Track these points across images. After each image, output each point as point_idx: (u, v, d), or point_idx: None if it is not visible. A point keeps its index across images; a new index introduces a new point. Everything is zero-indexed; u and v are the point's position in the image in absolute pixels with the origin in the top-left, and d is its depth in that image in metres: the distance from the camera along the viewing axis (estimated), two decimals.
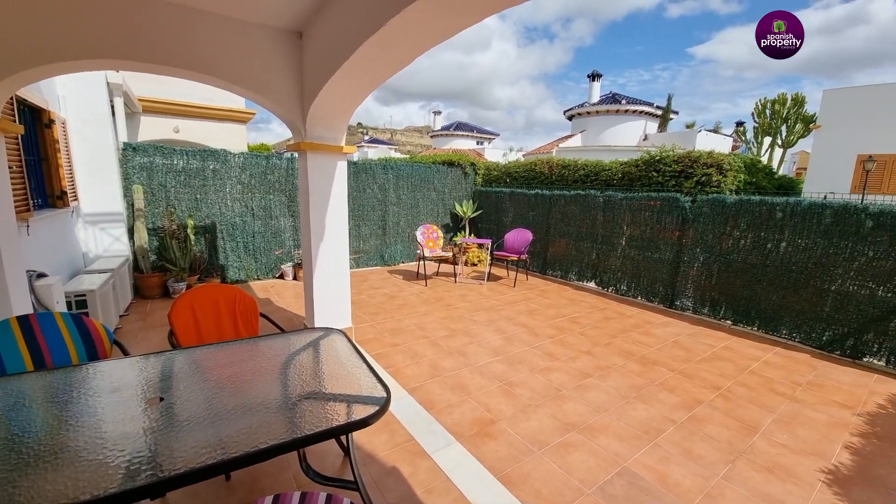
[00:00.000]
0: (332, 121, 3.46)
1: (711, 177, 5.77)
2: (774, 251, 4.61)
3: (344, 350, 2.07)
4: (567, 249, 7.07)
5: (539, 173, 8.14)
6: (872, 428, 2.87)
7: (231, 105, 8.86)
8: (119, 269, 4.87)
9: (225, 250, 6.40)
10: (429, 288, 6.38)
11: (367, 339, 4.22)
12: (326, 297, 3.88)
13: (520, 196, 7.95)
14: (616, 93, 24.67)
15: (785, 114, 18.14)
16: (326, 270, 3.83)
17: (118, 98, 5.53)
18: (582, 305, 5.65)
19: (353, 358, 1.97)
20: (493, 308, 5.39)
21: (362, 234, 7.83)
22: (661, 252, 5.69)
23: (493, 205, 8.66)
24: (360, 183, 7.62)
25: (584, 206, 6.68)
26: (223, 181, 6.25)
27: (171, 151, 5.82)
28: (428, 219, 8.67)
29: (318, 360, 2.08)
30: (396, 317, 4.96)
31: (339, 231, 3.84)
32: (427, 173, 8.50)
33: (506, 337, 4.38)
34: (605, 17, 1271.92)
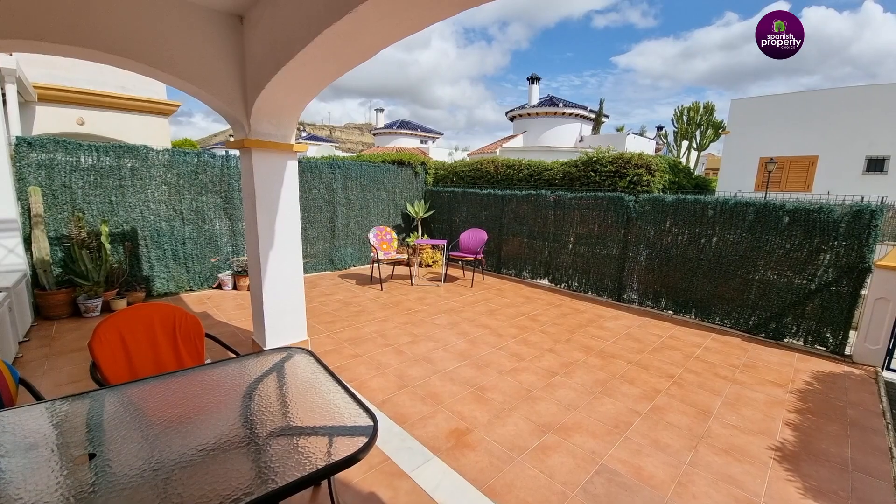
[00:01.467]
0: (281, 116, 3.15)
1: (642, 176, 6.24)
2: (707, 246, 5.04)
3: (314, 372, 1.85)
4: (520, 248, 7.21)
5: (485, 172, 8.23)
6: (805, 404, 3.21)
7: (150, 95, 7.89)
8: (15, 286, 4.09)
9: (150, 259, 5.67)
10: (385, 292, 6.16)
11: (325, 352, 3.93)
12: (278, 309, 3.54)
13: (472, 196, 7.97)
14: (554, 96, 25.88)
15: (699, 120, 20.19)
16: (277, 280, 3.50)
17: (10, 85, 4.65)
18: (539, 303, 5.78)
19: (326, 381, 1.77)
20: (453, 310, 5.32)
21: (309, 238, 7.37)
22: (608, 249, 5.99)
23: (446, 204, 8.61)
24: (306, 183, 7.16)
25: (536, 206, 6.84)
26: (144, 181, 5.51)
27: (77, 147, 5.01)
28: (379, 220, 8.40)
29: (284, 387, 1.84)
30: (354, 325, 4.70)
31: (291, 237, 3.52)
32: (377, 173, 8.22)
33: (470, 339, 4.33)
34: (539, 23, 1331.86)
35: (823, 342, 4.33)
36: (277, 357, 2.05)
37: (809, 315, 4.38)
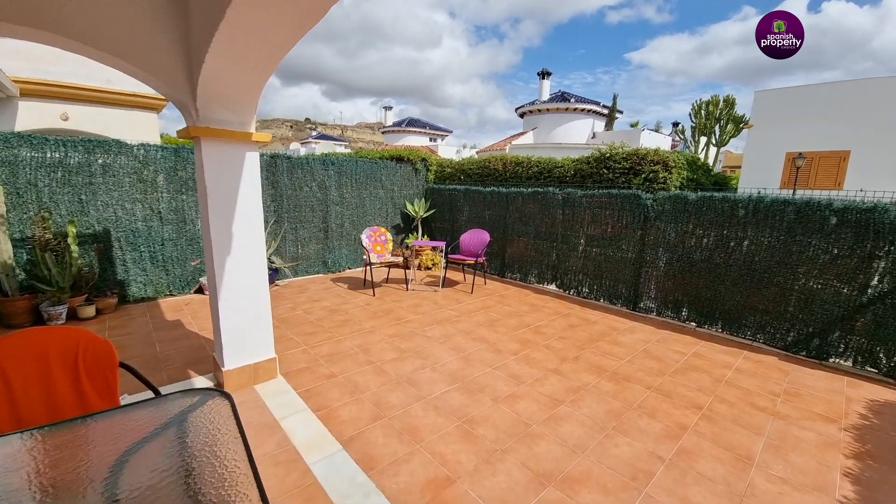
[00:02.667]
0: (236, 100, 2.68)
1: (658, 173, 5.67)
2: (737, 249, 4.43)
3: (220, 435, 1.36)
4: (526, 250, 6.66)
5: (493, 170, 7.69)
6: (864, 446, 2.62)
7: (136, 89, 7.54)
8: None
9: (125, 262, 5.29)
10: (377, 298, 5.68)
11: (297, 370, 3.46)
12: (237, 323, 3.08)
13: (475, 194, 7.44)
14: (565, 91, 25.11)
15: (718, 114, 19.25)
16: (236, 291, 3.03)
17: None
18: (544, 312, 5.23)
19: (228, 446, 1.27)
20: (449, 320, 4.81)
21: (300, 239, 6.93)
22: (622, 252, 5.41)
23: (447, 203, 8.09)
24: (297, 180, 6.72)
25: (543, 205, 6.28)
26: (118, 178, 5.13)
27: (43, 142, 4.64)
28: (376, 219, 7.93)
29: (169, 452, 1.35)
30: (337, 336, 4.23)
31: (253, 241, 3.05)
32: (374, 169, 7.75)
33: (464, 356, 3.81)
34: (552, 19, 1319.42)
35: (876, 363, 3.71)
36: (184, 403, 1.56)
37: (860, 331, 3.76)
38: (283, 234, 6.61)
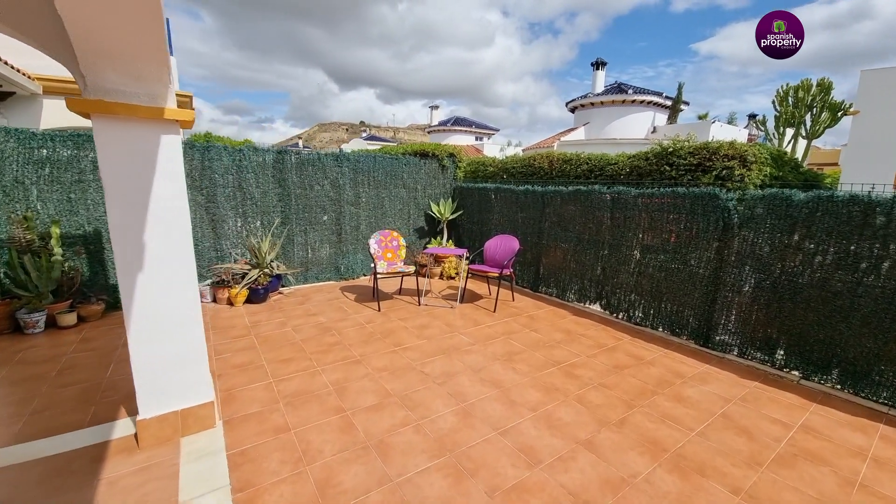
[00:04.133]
0: (128, 58, 1.95)
1: (733, 170, 4.36)
2: (872, 273, 3.06)
3: None
4: (565, 261, 5.53)
5: (538, 168, 6.56)
6: None
7: None
8: None
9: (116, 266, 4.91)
10: (382, 314, 4.87)
11: (245, 416, 2.71)
12: (155, 360, 2.37)
13: (506, 193, 6.42)
14: (622, 82, 23.00)
15: (809, 101, 16.39)
16: (153, 318, 2.33)
17: None
18: (583, 343, 4.11)
19: None
20: (458, 349, 3.87)
21: (311, 242, 6.33)
22: (690, 268, 4.14)
23: (476, 204, 7.13)
24: (307, 178, 6.11)
25: (587, 206, 5.13)
26: None
27: (31, 136, 4.34)
28: (396, 221, 7.16)
29: None
30: (316, 366, 3.45)
31: (175, 255, 2.34)
32: (394, 167, 6.98)
33: (464, 409, 2.86)
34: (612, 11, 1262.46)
35: None
36: None
37: None
38: (285, 235, 6.03)
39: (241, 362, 3.52)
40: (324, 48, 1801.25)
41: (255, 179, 5.71)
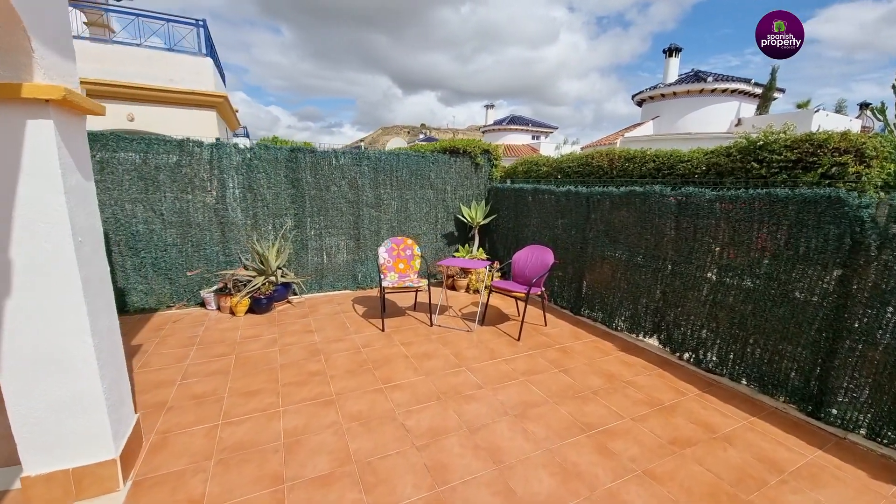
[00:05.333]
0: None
1: (847, 167, 3.23)
2: None
3: None
4: (613, 279, 4.45)
5: (597, 167, 5.48)
6: None
7: (195, 87, 7.40)
8: None
9: (125, 268, 4.77)
10: (385, 335, 4.19)
11: (160, 477, 2.15)
12: (35, 407, 1.86)
13: (545, 195, 5.44)
14: (700, 70, 20.37)
15: None
16: (30, 353, 1.81)
17: None
18: (629, 395, 3.08)
19: None
20: (460, 393, 3.05)
21: (326, 248, 5.85)
22: (795, 302, 2.93)
23: (512, 207, 6.21)
24: (322, 178, 5.63)
25: (643, 211, 4.03)
26: (117, 175, 4.60)
27: None
28: (422, 226, 6.47)
29: None
30: (280, 404, 2.84)
31: (54, 275, 1.80)
32: (420, 165, 6.29)
33: (439, 498, 2.05)
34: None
35: None
36: None
37: None
38: (299, 240, 5.60)
39: (201, 392, 3.02)
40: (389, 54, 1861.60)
41: (267, 179, 5.33)
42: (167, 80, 7.24)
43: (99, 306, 1.99)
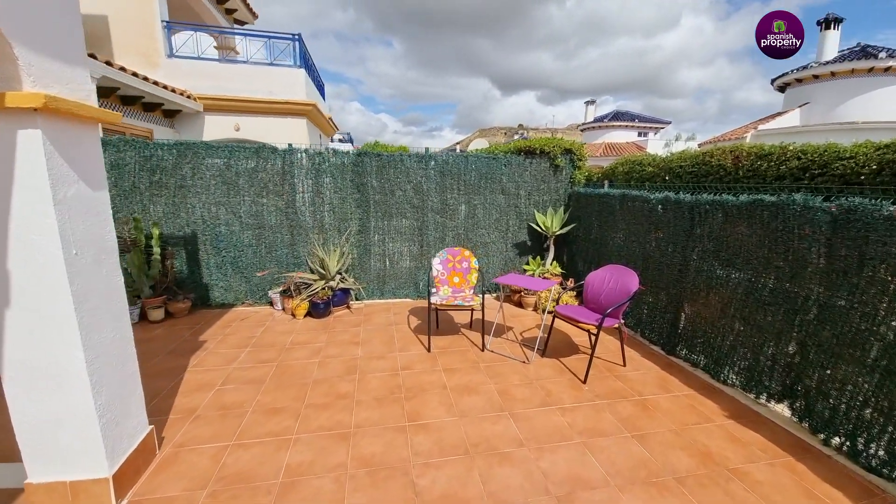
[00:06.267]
0: None
1: None
2: None
3: None
4: (724, 315, 3.38)
5: (716, 167, 4.36)
6: None
7: (288, 97, 7.93)
8: None
9: (209, 266, 5.18)
10: (429, 357, 3.79)
11: (153, 501, 2.03)
12: (39, 416, 1.86)
13: (636, 202, 4.48)
14: (867, 45, 15.94)
15: None
16: (27, 365, 1.80)
17: None
18: (734, 496, 2.17)
19: None
20: (495, 450, 2.49)
21: (388, 254, 5.69)
22: None
23: (596, 216, 5.31)
24: (387, 182, 5.48)
25: (774, 229, 2.95)
26: (205, 180, 5.00)
27: (143, 145, 4.81)
28: (491, 234, 5.94)
29: None
30: (294, 432, 2.63)
31: (41, 288, 1.75)
32: (491, 168, 5.76)
33: None
34: None
35: None
36: None
37: None
38: (362, 245, 5.52)
39: (230, 402, 2.96)
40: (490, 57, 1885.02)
41: (334, 184, 5.35)
42: (267, 92, 7.88)
43: (98, 319, 1.93)
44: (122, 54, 7.09)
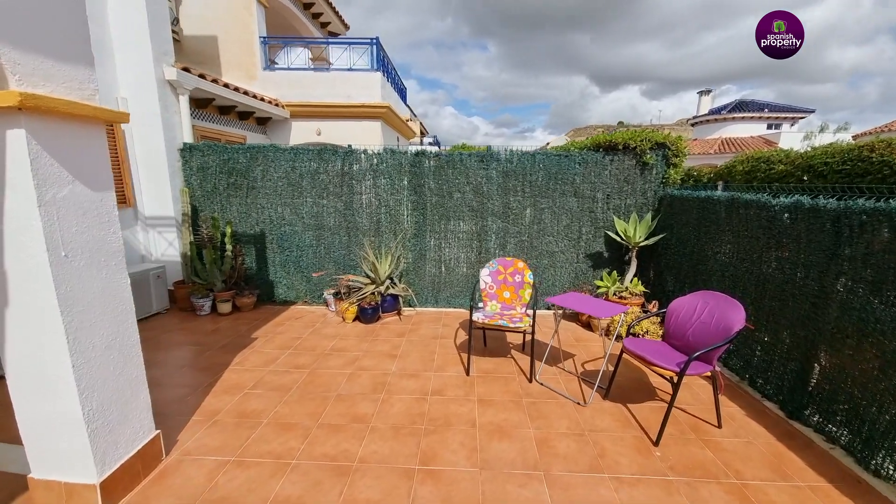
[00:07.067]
0: None
1: None
2: None
3: None
4: (884, 375, 2.31)
5: (879, 165, 3.18)
6: None
7: (364, 100, 8.08)
8: (136, 275, 4.52)
9: (275, 264, 5.41)
10: (467, 382, 3.32)
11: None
12: (37, 415, 1.88)
13: (751, 209, 3.43)
14: None
15: None
16: (24, 364, 1.81)
17: (182, 96, 5.25)
18: None
19: None
20: None
21: (444, 260, 5.34)
22: None
23: (694, 224, 4.28)
24: (445, 184, 5.14)
25: None
26: (272, 182, 5.21)
27: (223, 149, 5.18)
28: (560, 242, 5.22)
29: None
30: (296, 456, 2.40)
31: (32, 288, 1.73)
32: (561, 168, 5.05)
33: None
34: None
35: None
36: None
37: None
38: (417, 249, 5.25)
39: (251, 410, 2.88)
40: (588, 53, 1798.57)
41: (391, 185, 5.18)
42: (345, 97, 8.15)
43: (90, 324, 1.88)
44: (228, 69, 7.92)
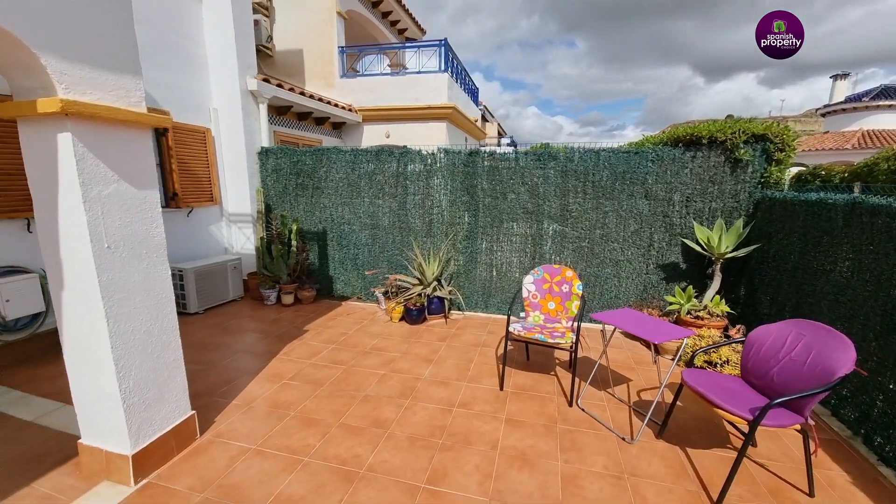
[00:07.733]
0: None
1: None
2: None
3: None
4: None
5: None
6: None
7: (430, 102, 8.14)
8: (216, 265, 5.08)
9: (334, 260, 5.69)
10: (499, 397, 3.08)
11: (163, 491, 2.10)
12: (85, 387, 2.11)
13: (878, 216, 2.66)
14: None
15: None
16: (73, 342, 2.06)
17: (262, 104, 5.75)
18: None
19: None
20: None
21: (496, 264, 5.10)
22: None
23: (799, 234, 3.48)
24: (499, 184, 4.90)
25: None
26: (334, 183, 5.47)
27: (293, 152, 5.57)
28: (627, 250, 4.66)
29: None
30: (309, 452, 2.41)
31: (74, 277, 1.94)
32: (629, 166, 4.48)
33: None
34: None
35: None
36: None
37: None
38: (468, 252, 5.08)
39: (283, 401, 2.99)
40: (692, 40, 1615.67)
41: (443, 185, 5.10)
42: (413, 99, 8.30)
43: (130, 310, 2.07)
44: (311, 78, 8.57)
